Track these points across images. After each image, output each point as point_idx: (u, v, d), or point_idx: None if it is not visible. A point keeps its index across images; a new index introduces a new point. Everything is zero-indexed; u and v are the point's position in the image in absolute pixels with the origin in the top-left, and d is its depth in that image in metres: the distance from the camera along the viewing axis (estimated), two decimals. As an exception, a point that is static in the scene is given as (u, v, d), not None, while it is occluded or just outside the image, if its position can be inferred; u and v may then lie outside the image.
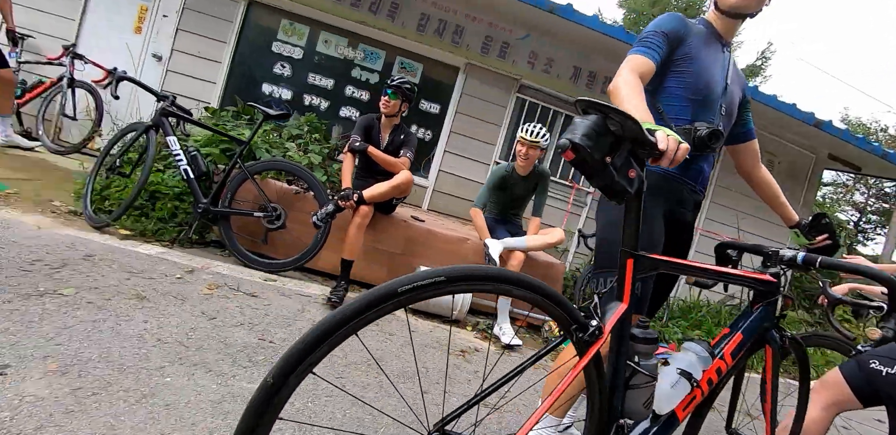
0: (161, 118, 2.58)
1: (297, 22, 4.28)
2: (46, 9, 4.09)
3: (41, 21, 4.06)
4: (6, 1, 3.46)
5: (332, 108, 4.42)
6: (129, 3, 4.23)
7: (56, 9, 4.13)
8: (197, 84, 4.22)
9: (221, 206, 2.65)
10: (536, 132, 2.94)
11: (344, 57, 4.36)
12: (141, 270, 2.12)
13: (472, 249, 3.09)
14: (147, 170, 2.49)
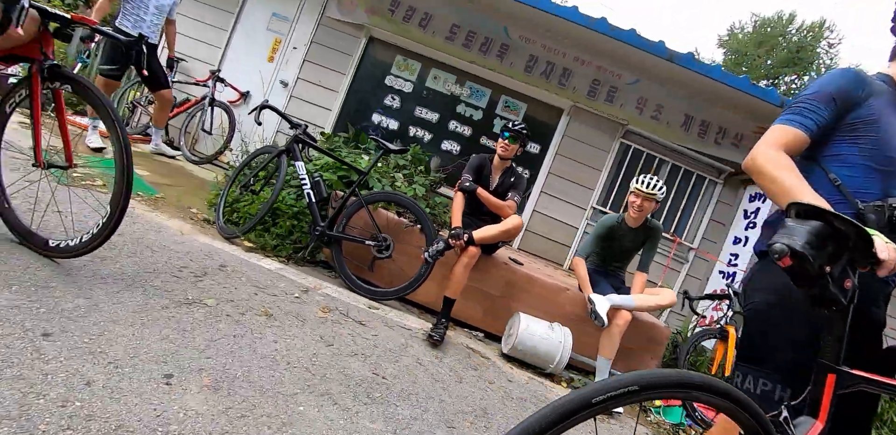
0: (293, 145, 2.81)
1: (410, 58, 4.57)
2: (200, 38, 4.72)
3: (194, 48, 4.67)
4: (173, 33, 4.04)
5: (435, 141, 4.60)
6: (265, 35, 4.76)
7: (207, 38, 4.75)
8: (315, 109, 4.60)
9: (336, 231, 2.80)
10: (653, 184, 2.86)
11: (451, 93, 4.57)
12: (265, 286, 2.27)
13: (571, 300, 3.00)
14: (277, 191, 2.70)
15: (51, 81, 1.57)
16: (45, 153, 1.64)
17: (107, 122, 1.55)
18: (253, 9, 4.75)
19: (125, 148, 1.54)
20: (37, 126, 1.60)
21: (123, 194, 1.55)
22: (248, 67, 4.74)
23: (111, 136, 1.57)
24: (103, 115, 1.56)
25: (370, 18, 4.38)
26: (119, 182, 1.56)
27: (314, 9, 4.59)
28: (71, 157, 1.69)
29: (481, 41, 4.38)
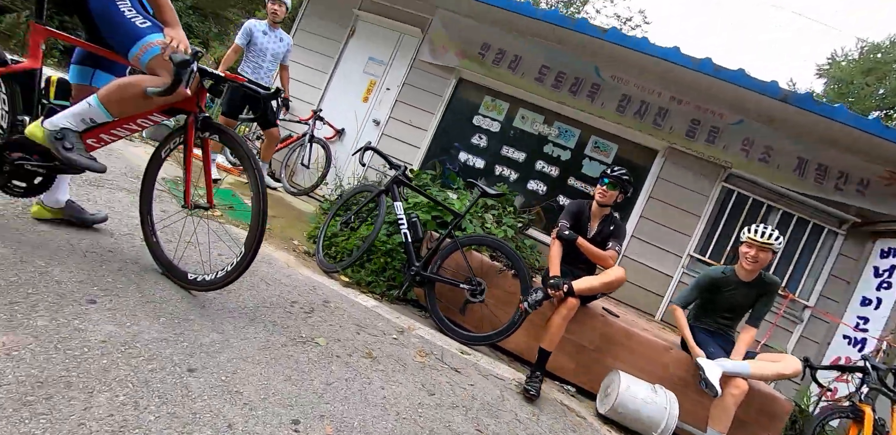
0: (393, 185, 2.93)
1: (498, 98, 4.69)
2: (304, 80, 5.18)
3: (299, 89, 5.13)
4: (286, 77, 4.48)
5: (521, 181, 4.62)
6: (362, 78, 5.12)
7: (311, 81, 5.21)
8: (404, 147, 4.81)
9: (431, 272, 2.83)
10: (769, 233, 2.64)
11: (538, 133, 4.60)
12: (365, 325, 2.32)
13: (675, 361, 2.78)
14: (377, 230, 2.81)
15: (201, 131, 1.77)
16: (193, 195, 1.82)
17: (248, 171, 1.70)
18: (351, 54, 5.16)
19: (262, 195, 1.67)
20: (188, 172, 1.79)
21: (257, 237, 1.67)
22: (345, 107, 5.10)
23: (250, 182, 1.71)
24: (245, 164, 1.71)
25: (461, 61, 4.59)
26: (254, 226, 1.69)
27: (407, 53, 4.90)
28: (212, 199, 1.86)
29: (571, 81, 4.41)
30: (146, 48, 1.59)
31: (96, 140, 1.66)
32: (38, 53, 1.60)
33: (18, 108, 1.61)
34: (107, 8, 1.61)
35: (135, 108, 1.62)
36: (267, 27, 4.04)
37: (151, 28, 1.63)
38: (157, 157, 1.88)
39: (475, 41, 4.56)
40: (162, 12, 1.67)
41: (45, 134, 1.52)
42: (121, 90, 1.56)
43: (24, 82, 1.60)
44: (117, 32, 1.61)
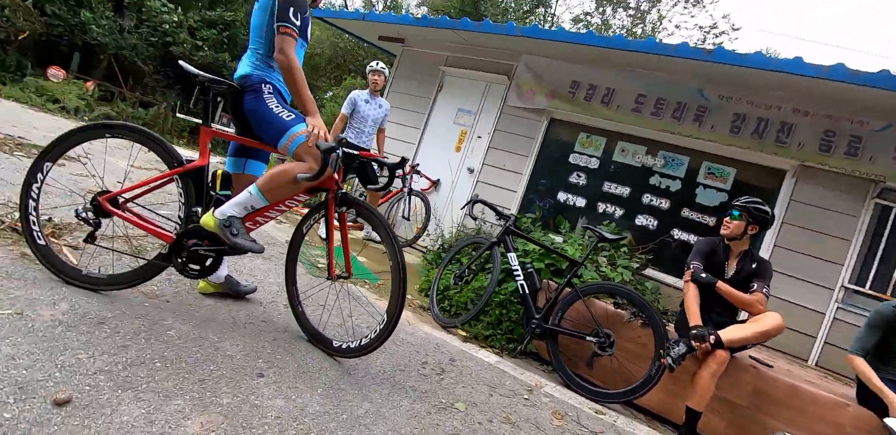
0: (504, 236, 2.96)
1: (594, 134, 4.63)
2: (399, 137, 5.57)
3: (395, 146, 5.51)
4: (383, 139, 4.86)
5: (627, 216, 4.42)
6: (452, 129, 5.38)
7: (405, 136, 5.58)
8: (500, 192, 4.89)
9: (552, 324, 2.77)
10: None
11: (642, 164, 4.43)
12: (494, 384, 2.30)
13: (854, 420, 2.36)
14: (493, 283, 2.84)
15: (339, 206, 1.96)
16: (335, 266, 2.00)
17: (386, 241, 1.84)
18: (441, 107, 5.48)
19: (401, 264, 1.79)
20: (331, 246, 1.97)
21: (399, 306, 1.77)
22: (438, 158, 5.36)
23: (388, 252, 1.84)
24: (382, 235, 1.85)
25: (550, 102, 4.65)
26: (395, 295, 1.80)
27: (495, 101, 5.08)
28: (350, 268, 2.01)
29: (673, 107, 4.24)
30: (293, 138, 1.83)
31: (253, 223, 1.92)
32: (206, 152, 1.92)
33: (192, 200, 1.91)
34: (257, 107, 1.91)
35: (286, 192, 1.86)
36: (368, 96, 4.47)
37: (295, 120, 1.88)
38: (299, 233, 2.10)
39: (563, 81, 4.61)
40: (303, 104, 1.92)
41: (216, 223, 1.80)
42: (275, 178, 1.80)
43: (195, 178, 1.91)
44: (267, 126, 1.89)
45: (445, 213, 5.19)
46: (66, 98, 8.45)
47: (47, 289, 1.79)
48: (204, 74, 1.82)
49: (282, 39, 1.83)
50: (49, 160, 1.85)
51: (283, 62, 1.84)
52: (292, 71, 1.85)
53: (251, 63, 1.97)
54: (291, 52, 1.84)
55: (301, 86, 1.87)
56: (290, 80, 1.87)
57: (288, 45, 1.83)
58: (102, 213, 1.86)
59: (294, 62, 1.85)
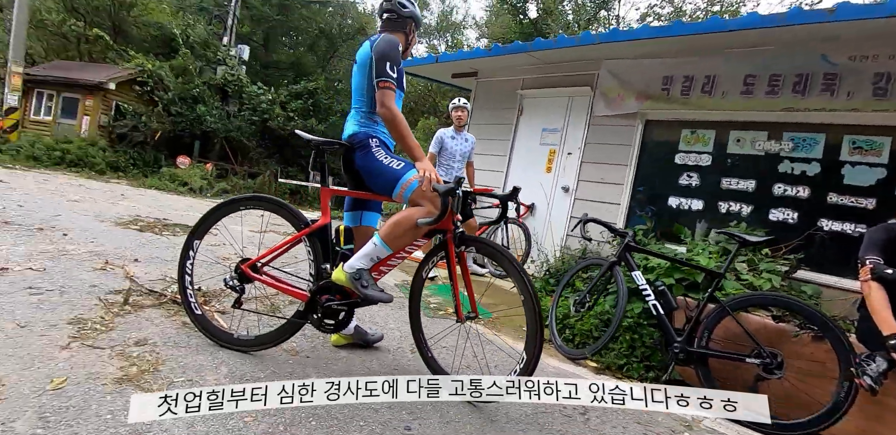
0: (625, 254, 2.76)
1: (699, 129, 4.26)
2: (486, 167, 5.61)
3: (484, 177, 5.56)
4: (472, 172, 4.92)
5: (757, 213, 3.93)
6: (540, 150, 5.30)
7: (492, 166, 5.62)
8: (602, 207, 4.64)
9: (698, 347, 2.47)
10: None
11: (765, 152, 3.95)
12: (645, 421, 2.10)
13: None
14: (622, 307, 2.63)
15: (458, 246, 1.96)
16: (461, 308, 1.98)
17: (514, 276, 1.79)
18: (524, 130, 5.46)
19: (534, 298, 1.71)
20: (455, 287, 1.97)
21: (538, 343, 1.69)
22: (529, 181, 5.27)
23: (518, 287, 1.78)
24: (509, 269, 1.81)
25: (643, 105, 4.40)
26: (533, 332, 1.72)
27: (581, 114, 4.94)
28: (475, 307, 1.98)
29: (792, 81, 3.76)
30: (406, 185, 1.90)
31: (378, 272, 1.99)
32: (327, 211, 2.05)
33: (320, 257, 2.01)
34: (368, 161, 2.02)
35: (408, 238, 1.91)
36: (453, 132, 4.60)
37: (405, 167, 1.96)
38: (419, 279, 2.13)
39: (653, 79, 4.36)
40: (410, 151, 1.99)
41: (346, 277, 1.87)
42: (397, 226, 1.86)
43: (321, 236, 2.02)
44: (380, 178, 1.99)
45: (545, 236, 5.03)
46: (192, 180, 9.92)
47: (208, 354, 1.99)
48: (317, 138, 1.99)
49: (382, 94, 1.94)
50: (197, 238, 2.12)
51: (387, 115, 1.95)
52: (396, 122, 1.94)
53: (356, 121, 2.11)
54: (393, 105, 1.94)
55: (405, 134, 1.96)
56: (394, 130, 1.98)
57: (389, 98, 1.94)
58: (245, 279, 2.06)
59: (397, 113, 1.95)
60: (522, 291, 1.74)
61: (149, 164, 11.31)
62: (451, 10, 24.81)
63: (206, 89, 12.52)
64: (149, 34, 16.20)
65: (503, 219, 2.06)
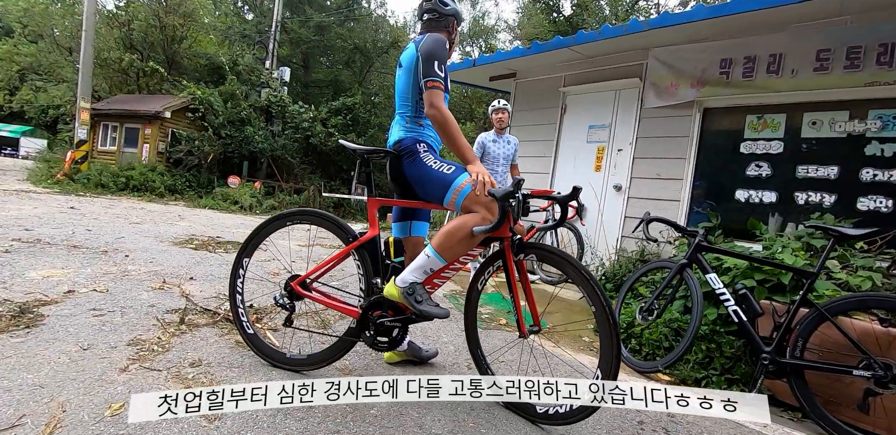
0: (696, 254, 2.52)
1: (766, 113, 3.91)
2: (532, 169, 5.44)
3: (529, 179, 5.37)
4: (517, 174, 4.75)
5: (843, 203, 3.53)
6: (587, 148, 5.07)
7: (537, 168, 5.43)
8: (659, 204, 4.35)
9: (792, 357, 2.18)
10: None
11: (847, 134, 3.56)
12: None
13: None
14: (698, 314, 2.39)
15: (517, 254, 1.82)
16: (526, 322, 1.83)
17: (582, 284, 1.63)
18: (569, 129, 5.25)
19: (608, 309, 1.55)
20: (516, 298, 1.83)
21: (615, 359, 1.52)
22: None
23: (589, 296, 1.61)
24: (576, 277, 1.65)
25: (700, 92, 4.11)
26: (608, 347, 1.55)
27: (630, 107, 4.68)
28: (538, 319, 1.82)
29: (876, 53, 3.37)
30: (458, 191, 1.75)
31: (431, 286, 1.84)
32: (375, 222, 1.96)
33: (370, 271, 1.91)
34: (416, 168, 1.88)
35: (463, 248, 1.76)
36: (494, 135, 4.48)
37: (456, 171, 1.80)
38: (474, 291, 2.00)
39: (710, 63, 4.05)
40: (461, 153, 1.84)
41: (399, 292, 1.75)
42: (451, 236, 1.71)
43: (370, 249, 1.91)
44: (430, 185, 1.84)
45: (598, 239, 4.78)
46: (243, 199, 10.33)
47: (261, 374, 1.95)
48: (362, 147, 1.91)
49: (430, 94, 1.82)
50: (246, 256, 2.10)
51: (436, 115, 1.81)
52: (446, 122, 1.81)
53: (402, 127, 1.99)
54: (442, 104, 1.82)
55: (456, 135, 1.82)
56: (444, 131, 1.84)
57: (438, 98, 1.82)
58: (296, 296, 2.01)
59: (447, 114, 1.82)
60: (594, 302, 1.57)
61: (203, 186, 11.89)
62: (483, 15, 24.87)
63: (251, 111, 13.07)
64: (199, 64, 17.22)
65: (563, 223, 1.90)
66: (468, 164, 1.81)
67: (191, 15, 16.00)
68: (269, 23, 16.88)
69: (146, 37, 15.46)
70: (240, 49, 15.79)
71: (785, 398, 2.37)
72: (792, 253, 2.68)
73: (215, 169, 12.59)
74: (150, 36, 15.45)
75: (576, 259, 1.64)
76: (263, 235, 2.08)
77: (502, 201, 1.58)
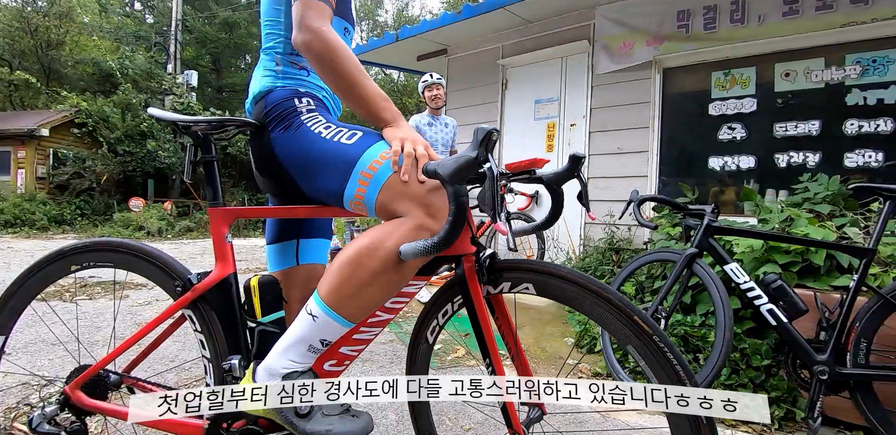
0: (707, 240, 1.95)
1: (734, 68, 3.48)
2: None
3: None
4: None
5: (829, 160, 3.16)
6: (536, 125, 4.52)
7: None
8: (623, 183, 3.85)
9: (856, 366, 1.65)
10: None
11: (825, 83, 3.18)
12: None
13: None
14: (727, 323, 1.81)
15: (487, 282, 1.01)
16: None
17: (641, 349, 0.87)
18: (513, 106, 4.69)
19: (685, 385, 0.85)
20: (496, 364, 1.00)
21: None
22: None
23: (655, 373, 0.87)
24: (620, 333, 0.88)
25: (658, 49, 3.62)
26: None
27: (580, 75, 4.16)
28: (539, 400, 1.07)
29: (847, -9, 3.00)
30: (370, 176, 0.93)
31: (336, 362, 1.02)
32: (227, 252, 1.10)
33: (221, 346, 1.08)
34: (299, 142, 1.04)
35: (382, 292, 0.95)
36: (430, 117, 3.79)
37: (363, 140, 0.99)
38: (422, 341, 1.20)
39: (666, 15, 3.59)
40: (372, 107, 1.00)
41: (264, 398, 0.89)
42: (352, 270, 0.91)
43: (219, 303, 1.09)
44: (318, 171, 1.01)
45: (558, 229, 4.23)
46: (149, 223, 8.98)
47: None
48: (192, 118, 1.10)
49: (302, 5, 0.99)
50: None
51: (313, 44, 0.97)
52: (333, 53, 0.97)
53: (269, 72, 1.16)
54: (323, 25, 0.99)
55: (356, 77, 0.98)
56: (332, 70, 0.98)
57: (315, 15, 0.98)
58: (81, 410, 1.13)
59: (331, 39, 0.98)
60: (662, 381, 0.84)
61: (99, 213, 10.38)
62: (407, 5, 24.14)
63: (154, 123, 11.63)
64: (84, 72, 15.31)
65: (557, 218, 1.15)
66: (387, 127, 1.00)
67: (67, 15, 14.12)
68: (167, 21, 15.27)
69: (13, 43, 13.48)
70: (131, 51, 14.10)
71: (837, 415, 1.86)
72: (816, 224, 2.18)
73: (114, 191, 11.07)
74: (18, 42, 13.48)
75: (615, 292, 0.88)
76: (31, 292, 1.23)
77: (454, 184, 0.81)
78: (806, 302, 1.80)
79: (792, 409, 1.91)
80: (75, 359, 1.31)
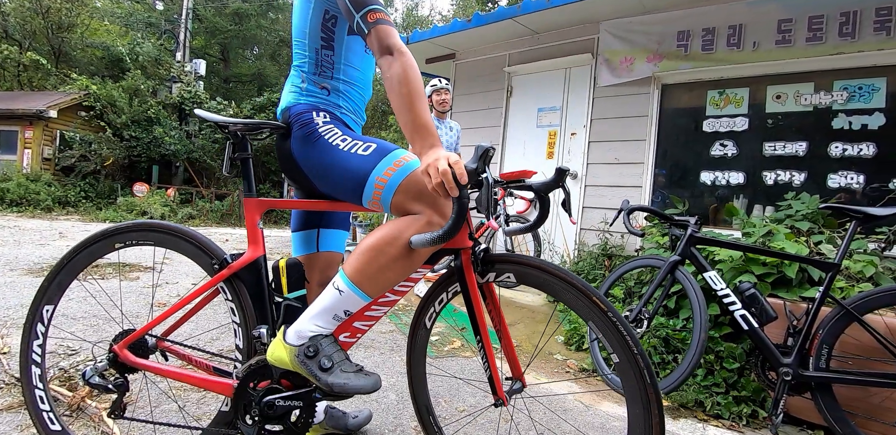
0: (689, 249, 2.09)
1: (728, 88, 3.63)
2: (478, 160, 4.92)
3: (477, 172, 4.87)
4: None
5: (814, 180, 3.31)
6: (537, 133, 4.64)
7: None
8: (619, 192, 4.00)
9: (817, 369, 1.80)
10: None
11: (814, 107, 3.33)
12: None
13: None
14: (702, 323, 1.95)
15: (483, 273, 1.19)
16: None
17: (598, 323, 1.03)
18: (517, 113, 4.80)
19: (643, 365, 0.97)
20: (486, 343, 1.19)
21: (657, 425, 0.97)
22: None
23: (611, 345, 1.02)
24: (583, 310, 1.05)
25: (657, 66, 3.76)
26: (641, 417, 0.98)
27: (582, 87, 4.29)
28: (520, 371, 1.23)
29: (839, 22, 3.15)
30: (384, 180, 1.10)
31: (350, 334, 1.20)
32: (258, 237, 1.26)
33: (251, 316, 1.22)
34: (317, 152, 1.20)
35: (397, 273, 1.10)
36: (436, 121, 3.91)
37: (377, 151, 1.15)
38: (420, 327, 1.37)
39: (667, 35, 3.72)
40: (423, 130, 1.03)
41: (290, 355, 1.10)
42: (375, 255, 1.07)
43: (250, 280, 1.24)
44: (336, 177, 1.18)
45: (555, 233, 4.38)
46: (152, 209, 9.05)
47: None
48: (233, 120, 1.22)
49: (379, 31, 1.08)
50: (48, 303, 1.34)
51: (393, 69, 1.05)
52: (409, 78, 1.04)
53: (295, 88, 1.32)
54: (404, 47, 1.08)
55: (420, 102, 1.05)
56: (407, 93, 1.04)
57: (392, 36, 1.08)
58: (126, 367, 1.28)
59: (409, 64, 1.06)
60: (616, 348, 1.00)
61: (103, 196, 10.43)
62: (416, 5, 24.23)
63: (161, 109, 11.68)
64: (94, 56, 15.32)
65: (543, 221, 1.31)
66: (431, 148, 1.01)
67: (79, -3, 14.13)
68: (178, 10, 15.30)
69: (24, 24, 13.47)
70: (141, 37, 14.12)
71: (800, 415, 2.01)
72: (791, 239, 2.33)
73: (119, 176, 11.12)
74: (29, 22, 13.47)
75: (578, 278, 1.06)
76: (77, 267, 1.35)
77: (460, 193, 0.95)
78: (776, 310, 1.95)
79: (758, 410, 2.05)
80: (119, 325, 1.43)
